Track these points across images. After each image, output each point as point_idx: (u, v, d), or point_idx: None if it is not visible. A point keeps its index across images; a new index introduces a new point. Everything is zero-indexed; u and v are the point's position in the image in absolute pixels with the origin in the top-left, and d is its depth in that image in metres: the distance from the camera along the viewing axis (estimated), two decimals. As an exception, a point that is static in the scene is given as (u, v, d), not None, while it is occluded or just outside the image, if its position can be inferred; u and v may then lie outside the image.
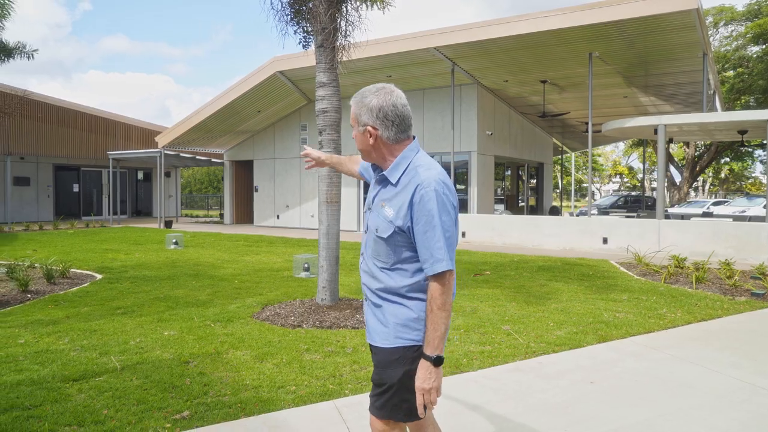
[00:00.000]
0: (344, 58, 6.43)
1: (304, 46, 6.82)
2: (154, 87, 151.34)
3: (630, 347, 5.26)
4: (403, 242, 2.06)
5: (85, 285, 8.62)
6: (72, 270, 9.80)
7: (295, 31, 6.70)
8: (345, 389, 4.10)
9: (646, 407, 3.80)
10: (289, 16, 6.60)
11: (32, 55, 9.11)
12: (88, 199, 26.92)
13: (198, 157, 23.81)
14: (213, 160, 24.34)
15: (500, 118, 18.72)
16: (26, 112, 22.56)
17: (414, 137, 2.18)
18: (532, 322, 6.20)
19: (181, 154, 22.99)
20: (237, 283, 8.92)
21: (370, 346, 2.20)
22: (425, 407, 2.01)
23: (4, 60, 8.80)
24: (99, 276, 9.58)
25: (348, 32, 6.33)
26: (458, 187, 17.08)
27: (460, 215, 16.08)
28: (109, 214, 25.51)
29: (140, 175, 29.13)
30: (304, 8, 6.25)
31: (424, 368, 1.99)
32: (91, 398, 3.86)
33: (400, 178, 2.08)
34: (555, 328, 5.93)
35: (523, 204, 23.50)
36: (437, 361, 1.97)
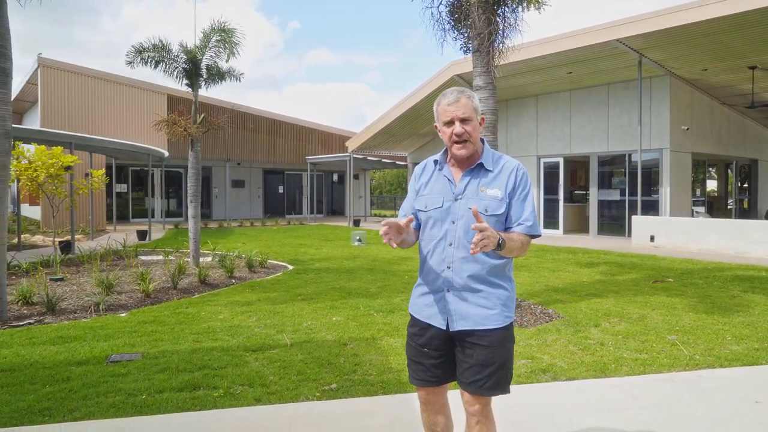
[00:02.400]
0: (501, 62, 6.50)
1: (465, 52, 7.04)
2: (353, 95, 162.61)
3: (822, 370, 4.58)
4: (505, 218, 2.35)
5: (278, 274, 9.85)
6: (269, 261, 11.23)
7: (455, 38, 6.95)
8: (481, 381, 4.26)
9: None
10: (450, 24, 6.87)
11: (240, 77, 10.66)
12: (290, 200, 30.17)
13: (383, 159, 25.27)
14: (397, 162, 25.63)
15: (699, 111, 16.87)
16: (241, 124, 26.07)
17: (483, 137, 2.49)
18: (706, 334, 5.67)
19: (368, 158, 24.62)
20: (407, 278, 9.45)
21: (468, 333, 2.31)
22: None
23: (218, 82, 10.44)
24: (290, 267, 10.85)
25: (505, 35, 6.41)
26: (645, 187, 15.80)
27: (648, 217, 14.88)
28: (307, 213, 28.29)
29: (335, 178, 31.78)
30: (461, 15, 6.47)
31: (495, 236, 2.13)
32: (263, 366, 4.56)
33: (493, 165, 2.38)
34: (732, 343, 5.36)
35: (731, 206, 20.82)
36: (501, 245, 2.17)
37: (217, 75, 10.39)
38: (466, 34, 6.77)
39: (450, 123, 2.33)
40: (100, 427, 3.40)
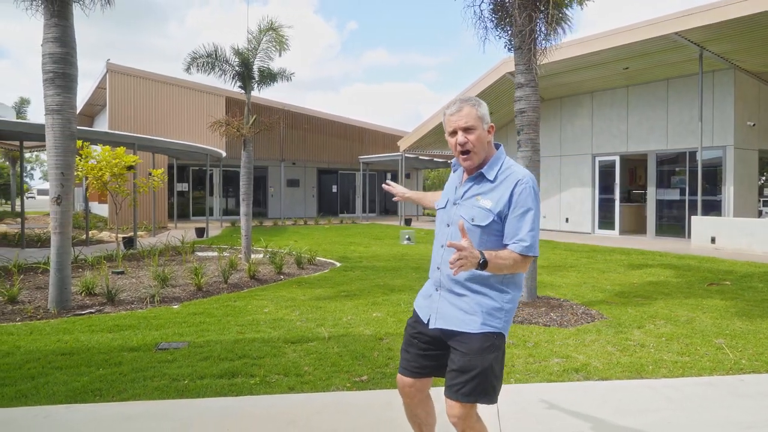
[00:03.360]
0: (544, 60, 6.45)
1: (509, 49, 7.02)
2: (409, 94, 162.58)
3: None
4: (497, 231, 2.30)
5: (325, 271, 10.07)
6: (318, 258, 11.49)
7: (499, 36, 6.94)
8: (512, 378, 4.27)
9: None
10: (492, 23, 6.87)
11: (290, 77, 10.95)
12: (344, 199, 30.60)
13: (435, 159, 25.25)
14: (449, 161, 25.54)
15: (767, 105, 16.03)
16: (296, 124, 26.65)
17: (500, 145, 2.47)
18: (757, 339, 5.45)
19: (420, 157, 24.66)
20: (451, 277, 9.46)
21: (445, 333, 2.34)
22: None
23: (270, 83, 10.77)
24: (338, 264, 11.07)
25: (548, 32, 6.35)
26: (707, 186, 15.14)
27: (710, 218, 14.26)
28: (360, 212, 28.62)
29: (388, 177, 31.99)
30: (503, 13, 6.45)
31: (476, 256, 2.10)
32: (300, 357, 4.73)
33: (496, 175, 2.35)
34: (784, 348, 5.13)
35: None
36: (483, 265, 2.12)
37: (268, 76, 10.72)
38: (509, 32, 6.75)
39: (454, 133, 2.34)
40: (145, 407, 3.65)
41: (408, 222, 23.25)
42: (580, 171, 18.73)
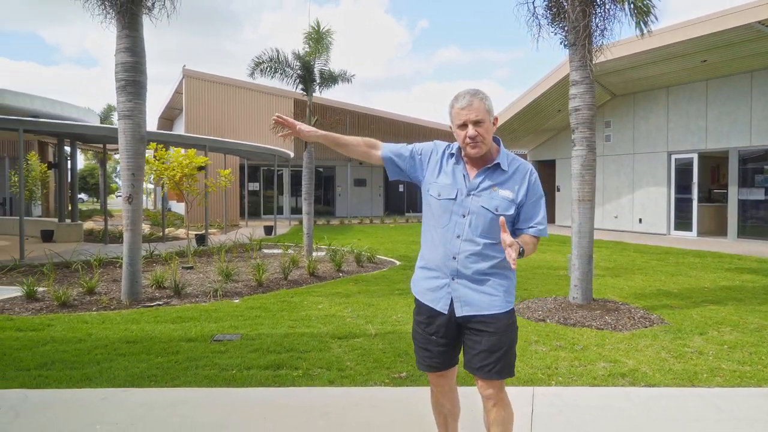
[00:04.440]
0: (601, 58, 6.25)
1: (564, 46, 6.85)
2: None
3: None
4: (514, 218, 2.44)
5: (384, 269, 10.20)
6: (378, 256, 11.63)
7: (554, 32, 6.79)
8: (553, 380, 4.21)
9: None
10: (547, 19, 6.74)
11: (351, 79, 11.15)
12: (411, 198, 30.70)
13: (502, 158, 24.85)
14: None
15: None
16: (363, 125, 26.99)
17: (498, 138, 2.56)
18: (833, 349, 5.07)
19: (486, 156, 24.34)
20: (509, 277, 9.34)
21: (474, 320, 2.41)
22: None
23: (331, 85, 11.01)
24: (398, 263, 11.17)
25: (605, 27, 6.16)
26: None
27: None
28: (426, 211, 28.61)
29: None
30: (558, 9, 6.31)
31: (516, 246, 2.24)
32: (344, 352, 4.85)
33: (508, 166, 2.44)
34: None
35: None
36: (521, 254, 2.29)
37: (329, 78, 10.97)
38: (565, 28, 6.59)
39: (463, 126, 2.38)
40: (192, 394, 3.88)
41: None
42: (655, 169, 17.90)
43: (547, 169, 23.60)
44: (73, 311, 6.58)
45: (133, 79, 7.05)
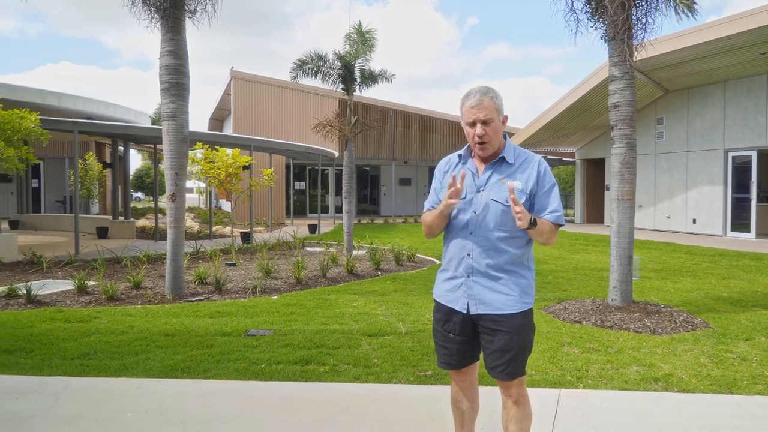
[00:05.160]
0: (641, 54, 6.06)
1: (605, 41, 6.67)
2: (531, 90, 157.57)
3: None
4: (528, 209, 2.42)
5: (423, 269, 10.18)
6: (418, 255, 11.62)
7: (594, 27, 6.62)
8: (580, 383, 4.12)
9: None
10: (586, 14, 6.58)
11: (391, 78, 11.19)
12: (456, 197, 30.49)
13: (548, 156, 24.39)
14: (564, 159, 24.56)
15: None
16: (407, 123, 27.00)
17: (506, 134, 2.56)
18: None
19: (532, 155, 23.96)
20: (550, 278, 9.18)
21: (486, 317, 2.42)
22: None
23: (371, 84, 11.08)
24: (438, 262, 11.12)
25: (646, 21, 5.96)
26: None
27: None
28: (471, 211, 28.39)
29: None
30: (596, 3, 6.15)
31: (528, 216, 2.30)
32: (373, 350, 4.89)
33: (514, 159, 2.48)
34: None
35: None
36: (533, 223, 2.32)
37: (369, 78, 11.04)
38: (605, 22, 6.42)
39: (472, 124, 2.42)
40: (221, 386, 4.00)
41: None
42: (710, 167, 17.17)
43: (595, 168, 23.00)
44: (120, 304, 6.87)
45: (176, 81, 7.29)
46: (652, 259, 11.50)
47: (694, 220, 17.69)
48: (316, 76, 10.77)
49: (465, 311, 2.46)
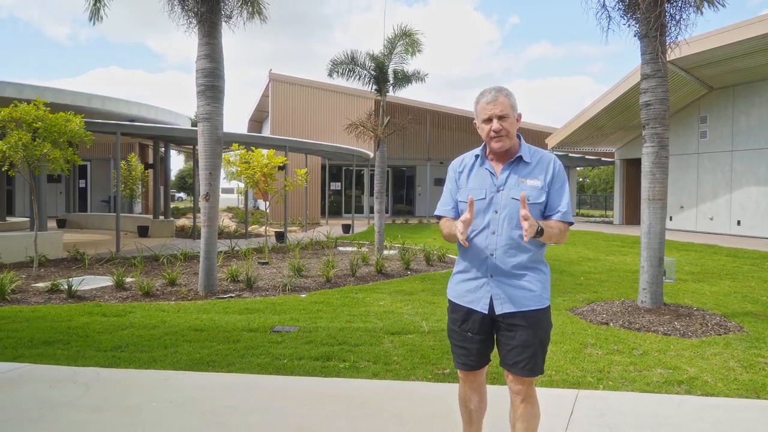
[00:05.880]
0: (675, 53, 5.92)
1: (639, 38, 6.54)
2: (573, 89, 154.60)
3: None
4: (543, 207, 2.48)
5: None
6: (449, 255, 11.61)
7: (627, 24, 6.50)
8: (600, 384, 4.07)
9: None
10: (619, 11, 6.47)
11: (424, 78, 11.22)
12: (492, 198, 30.22)
13: (587, 156, 23.94)
14: (602, 159, 24.05)
15: None
16: (443, 124, 26.91)
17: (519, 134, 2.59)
18: None
19: (570, 154, 23.54)
20: (582, 279, 9.06)
21: (511, 315, 2.42)
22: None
23: (404, 85, 11.14)
24: (469, 262, 11.10)
25: (681, 18, 5.83)
26: None
27: None
28: (507, 212, 28.12)
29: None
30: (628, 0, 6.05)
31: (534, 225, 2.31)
32: (394, 347, 4.94)
33: (531, 158, 2.51)
34: None
35: None
36: (540, 232, 2.33)
37: (402, 78, 11.09)
38: (638, 19, 6.31)
39: (488, 120, 2.45)
40: (243, 379, 4.12)
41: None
42: (757, 167, 16.57)
43: (635, 169, 22.45)
44: (154, 300, 7.11)
45: (211, 84, 7.50)
46: (691, 262, 11.18)
47: (738, 222, 17.10)
48: (349, 77, 10.90)
49: (486, 311, 2.46)
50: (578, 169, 41.11)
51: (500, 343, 2.51)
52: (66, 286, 7.27)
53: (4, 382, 4.02)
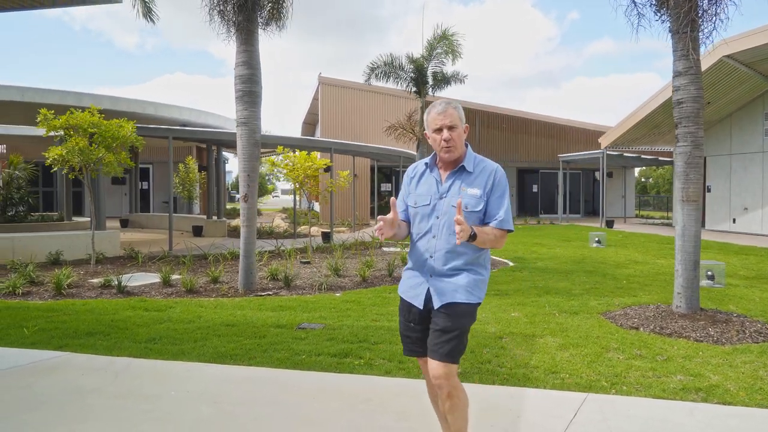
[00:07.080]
0: (710, 48, 5.72)
1: (671, 33, 6.35)
2: (638, 86, 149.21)
3: None
4: (482, 214, 2.62)
5: (494, 270, 10.11)
6: (492, 256, 11.54)
7: (661, 20, 6.32)
8: (614, 388, 4.01)
9: None
10: (653, 7, 6.30)
11: (463, 80, 11.23)
12: (546, 199, 29.67)
13: (643, 156, 23.12)
14: (660, 158, 23.16)
15: None
16: (493, 124, 26.63)
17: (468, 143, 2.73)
18: None
19: (625, 154, 22.80)
20: (624, 282, 8.83)
21: (440, 306, 2.57)
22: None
23: (443, 87, 11.17)
24: (510, 264, 11.01)
25: (717, 13, 5.62)
26: None
27: None
28: (561, 213, 27.49)
29: (596, 176, 30.09)
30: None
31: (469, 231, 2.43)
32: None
33: (474, 167, 2.67)
34: None
35: None
36: (473, 237, 2.46)
37: (442, 80, 11.14)
38: (670, 14, 6.13)
39: (439, 130, 2.62)
40: (260, 372, 4.31)
41: (610, 224, 21.71)
42: (827, 167, 15.57)
43: (696, 168, 21.50)
44: (196, 297, 7.46)
45: (249, 89, 7.80)
46: (747, 266, 10.67)
47: (807, 225, 16.11)
48: (387, 80, 11.03)
49: (422, 307, 2.65)
50: (637, 169, 39.67)
51: (430, 332, 2.65)
52: (116, 282, 7.73)
53: (45, 369, 4.37)
